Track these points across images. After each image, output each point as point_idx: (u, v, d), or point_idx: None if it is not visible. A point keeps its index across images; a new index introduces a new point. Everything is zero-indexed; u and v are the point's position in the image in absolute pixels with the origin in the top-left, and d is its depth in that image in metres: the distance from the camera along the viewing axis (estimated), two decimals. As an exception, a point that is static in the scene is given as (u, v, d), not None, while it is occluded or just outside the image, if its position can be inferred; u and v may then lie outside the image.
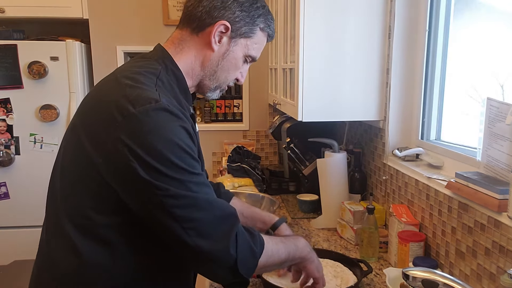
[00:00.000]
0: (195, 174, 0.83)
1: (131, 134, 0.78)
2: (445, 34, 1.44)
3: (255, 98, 2.72)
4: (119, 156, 0.78)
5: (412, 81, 1.55)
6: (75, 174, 0.85)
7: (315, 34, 1.51)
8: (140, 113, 0.78)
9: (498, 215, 0.97)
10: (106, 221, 0.84)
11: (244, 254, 0.85)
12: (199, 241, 0.81)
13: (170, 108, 0.82)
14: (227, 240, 0.83)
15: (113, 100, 0.82)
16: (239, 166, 2.25)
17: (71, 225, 0.84)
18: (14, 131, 2.52)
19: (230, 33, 0.96)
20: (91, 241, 0.84)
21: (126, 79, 0.86)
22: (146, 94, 0.82)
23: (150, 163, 0.77)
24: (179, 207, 0.80)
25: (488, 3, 1.27)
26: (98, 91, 0.91)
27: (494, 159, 1.05)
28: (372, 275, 1.27)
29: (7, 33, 2.52)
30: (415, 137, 1.56)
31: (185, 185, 0.80)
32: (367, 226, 1.36)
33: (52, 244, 0.89)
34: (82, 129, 0.85)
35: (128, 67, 0.93)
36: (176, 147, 0.80)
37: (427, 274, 0.81)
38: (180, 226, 0.80)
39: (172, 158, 0.79)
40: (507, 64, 1.13)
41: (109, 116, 0.80)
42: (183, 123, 0.83)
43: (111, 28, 2.60)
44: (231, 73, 1.01)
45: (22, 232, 2.57)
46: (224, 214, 0.85)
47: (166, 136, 0.79)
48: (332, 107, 1.57)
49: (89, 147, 0.82)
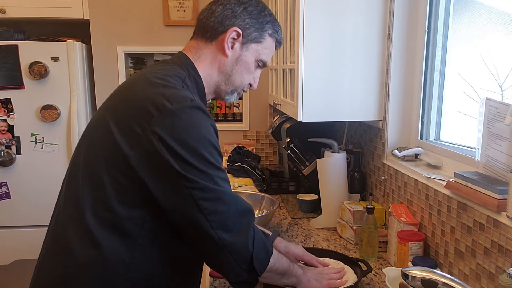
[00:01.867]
0: (221, 169, 0.88)
1: (167, 129, 0.82)
2: (444, 35, 1.44)
3: (255, 98, 2.73)
4: (153, 148, 0.82)
5: (411, 81, 1.56)
6: (102, 167, 0.87)
7: (315, 34, 1.52)
8: (177, 110, 0.83)
9: (497, 214, 0.98)
10: (129, 214, 0.86)
11: (259, 250, 0.91)
12: (221, 234, 0.85)
13: (203, 107, 0.88)
14: (246, 234, 0.89)
15: (148, 96, 0.86)
16: (239, 166, 2.26)
17: (92, 217, 0.86)
18: (15, 131, 2.53)
19: (241, 39, 1.03)
20: (111, 233, 0.86)
21: (158, 79, 0.90)
22: (182, 93, 0.87)
23: (183, 156, 0.82)
24: (206, 200, 0.84)
25: (488, 3, 1.27)
26: (129, 88, 0.94)
27: (493, 159, 1.05)
28: (372, 275, 1.28)
29: (8, 34, 2.53)
30: (414, 137, 1.57)
31: (213, 179, 0.85)
32: (366, 226, 1.37)
33: (71, 236, 0.88)
34: (113, 122, 0.87)
35: (156, 69, 0.97)
36: (208, 143, 0.86)
37: (426, 274, 0.81)
38: (205, 217, 0.84)
39: (204, 153, 0.84)
40: (506, 64, 1.13)
41: (144, 110, 0.84)
42: (213, 122, 0.90)
43: (111, 28, 2.61)
44: (245, 77, 1.07)
45: (23, 232, 2.58)
46: (244, 209, 0.91)
47: (200, 132, 0.85)
48: (332, 107, 1.57)
49: (121, 140, 0.85)
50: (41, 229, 2.49)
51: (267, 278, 0.99)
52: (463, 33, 1.39)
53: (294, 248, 1.24)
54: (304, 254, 1.24)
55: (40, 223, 2.51)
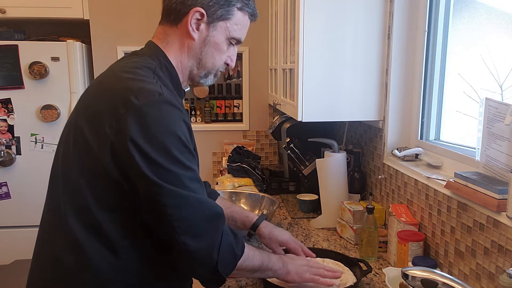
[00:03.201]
0: (191, 169, 0.84)
1: (134, 126, 0.79)
2: (444, 35, 1.44)
3: (255, 98, 2.73)
4: (122, 148, 0.79)
5: (411, 81, 1.56)
6: (78, 171, 0.85)
7: (315, 34, 1.52)
8: (144, 105, 0.80)
9: (497, 214, 0.98)
10: (110, 217, 0.85)
11: (226, 255, 0.88)
12: (186, 239, 0.83)
13: (172, 101, 0.83)
14: (212, 240, 0.86)
15: (115, 93, 0.83)
16: (239, 166, 2.26)
17: (75, 223, 0.85)
18: (15, 131, 2.52)
19: (206, 19, 0.96)
20: (96, 237, 0.85)
21: (126, 73, 0.87)
22: (149, 87, 0.83)
23: (150, 155, 0.79)
24: (171, 206, 0.81)
25: (487, 3, 1.27)
26: (98, 86, 0.91)
27: (493, 159, 1.05)
28: (372, 275, 1.28)
29: (8, 34, 2.53)
30: (414, 137, 1.57)
31: (180, 180, 0.82)
32: (366, 226, 1.37)
33: (55, 242, 0.89)
34: (85, 123, 0.85)
35: (124, 63, 0.94)
36: (177, 139, 0.81)
37: (426, 274, 0.81)
38: (169, 223, 0.82)
39: (172, 150, 0.80)
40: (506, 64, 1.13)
41: (112, 108, 0.81)
42: (184, 117, 0.85)
43: (111, 28, 2.61)
44: (217, 58, 1.00)
45: (23, 232, 2.57)
46: (211, 213, 0.87)
47: (168, 128, 0.81)
48: (331, 107, 1.57)
49: (92, 142, 0.83)
50: (41, 229, 2.50)
51: (236, 275, 0.98)
52: (463, 33, 1.39)
53: (280, 233, 1.23)
54: (289, 241, 1.22)
55: (40, 223, 2.51)
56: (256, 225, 1.23)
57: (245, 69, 2.68)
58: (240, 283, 1.23)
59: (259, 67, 2.68)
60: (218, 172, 2.56)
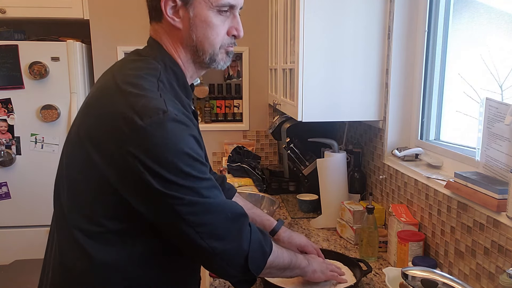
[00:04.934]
0: (206, 179, 0.84)
1: (141, 147, 0.77)
2: (444, 34, 1.44)
3: (255, 98, 2.73)
4: (130, 169, 0.78)
5: (411, 81, 1.55)
6: (84, 185, 0.84)
7: (315, 34, 1.52)
8: (148, 125, 0.77)
9: (497, 214, 0.98)
10: (119, 227, 0.84)
11: (255, 251, 0.88)
12: (212, 243, 0.83)
13: (178, 117, 0.80)
14: (239, 238, 0.86)
15: (118, 112, 0.80)
16: (239, 166, 2.26)
17: (81, 232, 0.84)
18: (15, 131, 2.53)
19: (180, 2, 0.88)
20: (103, 244, 0.84)
21: (128, 86, 0.83)
22: (153, 104, 0.80)
23: (162, 174, 0.78)
24: (193, 214, 0.81)
25: (488, 3, 1.27)
26: (100, 100, 0.87)
27: (493, 159, 1.05)
28: (372, 275, 1.28)
29: (8, 34, 2.53)
30: (414, 137, 1.57)
31: (197, 192, 0.81)
32: (366, 226, 1.37)
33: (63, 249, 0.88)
34: (89, 142, 0.83)
35: (126, 69, 0.90)
36: (186, 156, 0.80)
37: (426, 274, 0.81)
38: (194, 230, 0.81)
39: (184, 168, 0.79)
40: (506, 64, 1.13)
41: (116, 129, 0.79)
42: (191, 131, 0.83)
43: (111, 28, 2.61)
44: (211, 36, 0.91)
45: (23, 232, 2.57)
46: (234, 214, 0.87)
47: (176, 146, 0.79)
48: (331, 107, 1.57)
49: (99, 161, 0.81)
50: (41, 229, 2.50)
51: (268, 274, 0.99)
52: (463, 33, 1.39)
53: (298, 238, 1.25)
54: (306, 244, 1.24)
55: (40, 223, 2.51)
56: (275, 230, 1.24)
57: (245, 69, 2.68)
58: (240, 283, 1.23)
59: (259, 67, 2.68)
60: (218, 172, 2.56)
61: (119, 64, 0.95)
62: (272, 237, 1.23)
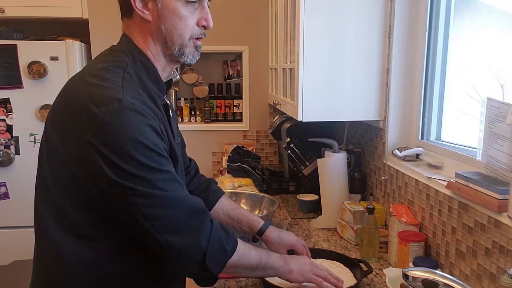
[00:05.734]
0: (163, 171, 0.83)
1: (96, 135, 0.79)
2: (445, 34, 1.43)
3: (255, 98, 2.72)
4: (87, 156, 0.79)
5: (412, 81, 1.55)
6: (51, 177, 0.87)
7: (315, 34, 1.51)
8: (103, 114, 0.78)
9: (498, 215, 0.97)
10: (86, 219, 0.86)
11: (214, 249, 0.87)
12: (168, 237, 0.83)
13: (134, 106, 0.81)
14: (197, 235, 0.85)
15: (78, 102, 0.82)
16: (239, 166, 2.25)
17: (53, 224, 0.86)
18: (14, 131, 2.52)
19: None
20: (73, 238, 0.86)
21: (92, 77, 0.85)
22: (109, 94, 0.81)
23: (117, 163, 0.78)
24: (148, 206, 0.81)
25: (488, 3, 1.27)
26: (66, 91, 0.90)
27: (494, 159, 1.04)
28: (372, 275, 1.27)
29: (7, 33, 2.52)
30: (415, 137, 1.56)
31: (152, 184, 0.81)
32: (367, 226, 1.36)
33: (40, 244, 0.92)
34: (54, 130, 0.87)
35: (96, 62, 0.93)
36: (141, 145, 0.80)
37: (427, 274, 0.81)
38: (149, 223, 0.82)
39: (138, 157, 0.79)
40: (507, 63, 1.13)
41: (75, 117, 0.81)
42: (149, 121, 0.83)
43: (110, 28, 2.59)
44: (180, 28, 0.92)
45: (22, 232, 2.57)
46: (193, 210, 0.87)
47: (131, 135, 0.79)
48: (332, 107, 1.57)
49: (60, 149, 0.84)
50: (40, 229, 2.49)
51: (233, 273, 0.98)
52: (464, 33, 1.38)
53: (286, 237, 1.22)
54: (296, 243, 1.21)
55: (39, 223, 2.51)
56: (262, 230, 1.21)
57: (245, 69, 2.68)
58: (240, 284, 1.22)
59: (259, 67, 2.68)
60: (218, 172, 2.55)
61: (93, 59, 0.97)
62: (260, 237, 1.21)
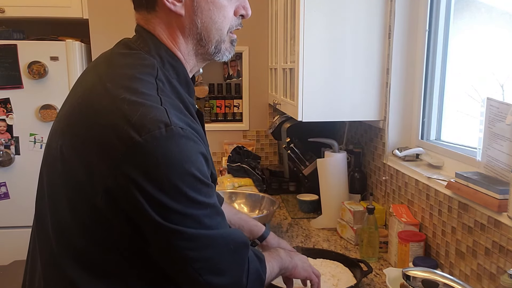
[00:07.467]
0: (210, 205, 0.73)
1: (138, 168, 0.64)
2: (445, 34, 1.43)
3: (255, 98, 2.72)
4: (123, 193, 0.66)
5: (412, 81, 1.55)
6: (69, 208, 0.73)
7: (315, 34, 1.51)
8: (147, 142, 0.64)
9: (498, 215, 0.97)
10: (107, 257, 0.73)
11: (254, 282, 0.82)
12: (210, 279, 0.74)
13: (184, 132, 0.67)
14: (238, 272, 0.78)
15: (110, 124, 0.66)
16: (239, 166, 2.25)
17: (67, 260, 0.73)
18: (14, 131, 2.52)
19: None
20: (95, 277, 0.73)
21: (120, 90, 0.69)
22: (153, 115, 0.66)
23: (163, 201, 0.66)
24: (192, 249, 0.71)
25: (488, 3, 1.27)
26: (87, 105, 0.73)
27: (494, 159, 1.04)
28: (372, 275, 1.27)
29: (7, 33, 2.52)
30: (415, 137, 1.56)
31: (199, 221, 0.71)
32: (367, 226, 1.36)
33: (47, 278, 0.77)
34: (72, 153, 0.71)
35: (116, 65, 0.77)
36: (192, 178, 0.68)
37: (427, 274, 0.81)
38: (191, 266, 0.72)
39: (188, 193, 0.68)
40: (507, 64, 1.13)
41: (107, 144, 0.66)
42: (200, 148, 0.70)
43: (111, 28, 2.60)
44: (218, 19, 0.80)
45: (22, 232, 2.56)
46: (236, 245, 0.78)
47: (180, 167, 0.66)
48: (332, 107, 1.57)
49: (83, 179, 0.69)
50: (40, 229, 2.49)
51: None
52: (464, 32, 1.38)
53: (284, 244, 1.23)
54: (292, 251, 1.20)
55: (39, 223, 2.51)
56: (264, 236, 1.22)
57: (245, 69, 2.68)
58: (240, 284, 1.22)
59: (259, 66, 2.68)
60: (218, 172, 2.55)
61: (104, 60, 0.81)
62: (260, 243, 1.22)
